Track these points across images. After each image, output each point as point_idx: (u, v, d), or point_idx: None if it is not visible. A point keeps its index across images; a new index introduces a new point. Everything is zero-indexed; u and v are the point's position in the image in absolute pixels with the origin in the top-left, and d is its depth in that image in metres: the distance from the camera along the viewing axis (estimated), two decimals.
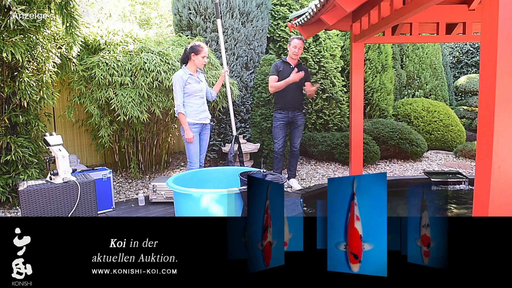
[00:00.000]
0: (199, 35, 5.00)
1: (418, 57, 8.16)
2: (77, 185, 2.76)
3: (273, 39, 5.74)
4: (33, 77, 3.46)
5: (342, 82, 6.02)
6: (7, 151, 3.45)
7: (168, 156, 5.35)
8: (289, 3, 5.66)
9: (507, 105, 1.74)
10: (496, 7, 1.70)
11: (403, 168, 5.44)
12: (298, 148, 4.38)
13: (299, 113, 4.27)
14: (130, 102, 3.85)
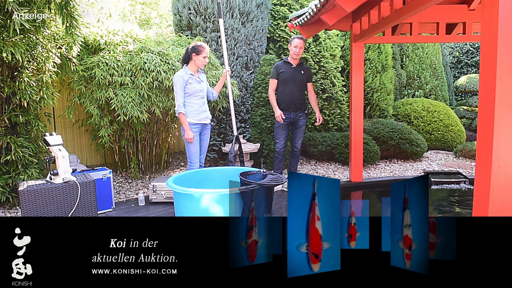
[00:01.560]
0: (199, 35, 5.00)
1: (418, 57, 8.16)
2: (77, 185, 2.76)
3: (273, 39, 5.74)
4: (33, 77, 3.46)
5: (342, 82, 6.02)
6: (7, 151, 3.45)
7: (168, 156, 5.35)
8: (289, 3, 5.66)
9: (507, 105, 1.74)
10: (496, 7, 1.71)
11: (403, 168, 5.44)
12: (299, 149, 4.37)
13: (301, 114, 4.26)
14: (130, 102, 3.85)
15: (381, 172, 5.19)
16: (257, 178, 2.76)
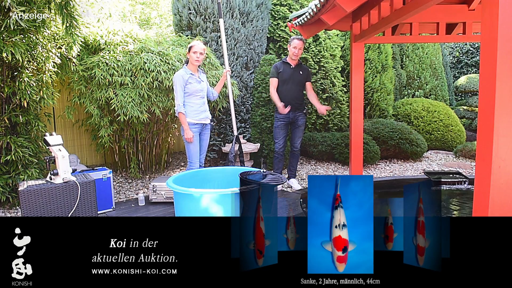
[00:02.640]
0: (199, 35, 5.00)
1: (418, 57, 8.16)
2: (77, 185, 2.76)
3: (273, 39, 5.74)
4: (33, 77, 3.46)
5: (342, 82, 6.02)
6: (7, 151, 3.45)
7: (168, 156, 5.35)
8: (289, 3, 5.66)
9: (507, 105, 1.74)
10: (496, 7, 1.70)
11: (403, 168, 5.44)
12: (299, 148, 4.37)
13: (300, 113, 4.26)
14: (130, 102, 3.85)
15: (381, 172, 5.19)
16: (257, 178, 2.76)
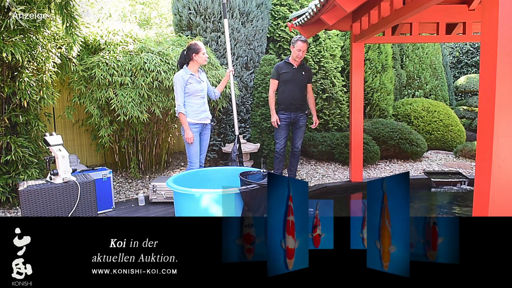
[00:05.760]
0: (199, 35, 5.00)
1: (418, 57, 8.16)
2: (77, 185, 2.76)
3: (273, 39, 5.74)
4: (33, 77, 3.46)
5: (342, 82, 6.02)
6: (7, 151, 3.45)
7: (168, 156, 5.35)
8: (289, 3, 5.66)
9: (507, 105, 1.74)
10: (496, 7, 1.71)
11: (403, 168, 5.44)
12: (299, 149, 4.37)
13: (301, 114, 4.26)
14: (130, 102, 3.85)
15: (381, 172, 5.19)
16: (257, 178, 2.76)
